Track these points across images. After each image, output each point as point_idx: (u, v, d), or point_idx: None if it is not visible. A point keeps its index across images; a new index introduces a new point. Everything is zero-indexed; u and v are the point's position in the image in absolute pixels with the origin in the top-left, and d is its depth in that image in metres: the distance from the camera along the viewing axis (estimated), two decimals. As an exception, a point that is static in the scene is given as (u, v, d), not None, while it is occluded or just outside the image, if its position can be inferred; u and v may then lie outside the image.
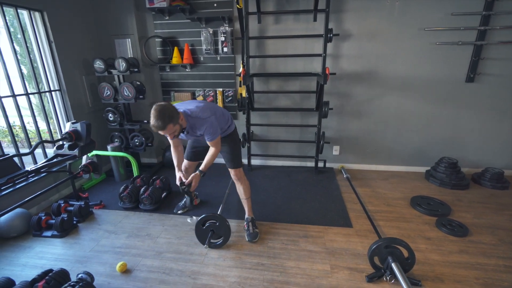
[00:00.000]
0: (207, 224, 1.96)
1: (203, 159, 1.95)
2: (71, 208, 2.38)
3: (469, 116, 3.01)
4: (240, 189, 2.14)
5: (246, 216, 2.20)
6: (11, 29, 2.36)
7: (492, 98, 2.91)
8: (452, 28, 2.74)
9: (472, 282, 1.66)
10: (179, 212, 2.46)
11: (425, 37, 2.81)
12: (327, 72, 2.60)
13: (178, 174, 1.97)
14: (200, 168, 1.91)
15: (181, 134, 1.89)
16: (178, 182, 1.95)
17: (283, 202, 2.62)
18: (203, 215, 1.96)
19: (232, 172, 2.09)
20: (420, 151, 3.23)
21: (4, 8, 2.28)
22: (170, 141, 2.00)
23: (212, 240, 1.98)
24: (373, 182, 3.04)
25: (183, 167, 2.20)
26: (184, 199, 2.40)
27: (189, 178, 1.89)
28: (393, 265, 1.58)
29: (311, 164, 3.45)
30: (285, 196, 2.74)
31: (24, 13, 2.49)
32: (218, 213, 2.10)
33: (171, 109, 1.63)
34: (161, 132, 1.63)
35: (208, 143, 1.88)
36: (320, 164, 3.36)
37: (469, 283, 1.65)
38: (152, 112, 1.58)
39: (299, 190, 2.87)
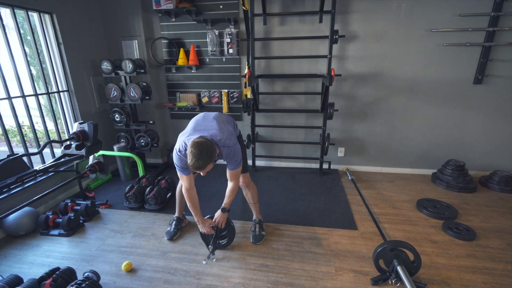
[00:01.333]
0: (211, 226, 1.95)
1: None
2: (78, 207, 2.42)
3: (477, 118, 2.97)
4: (248, 194, 2.11)
5: (254, 217, 2.19)
6: (21, 31, 2.41)
7: (501, 100, 2.86)
8: (460, 29, 2.71)
9: (479, 286, 1.63)
10: (173, 238, 2.13)
11: (433, 39, 2.79)
12: (332, 73, 2.59)
13: (205, 224, 1.84)
14: (224, 205, 1.85)
15: None
16: (207, 231, 1.84)
17: (287, 204, 2.62)
18: (208, 216, 1.96)
19: (241, 177, 1.99)
20: (427, 153, 3.20)
21: (15, 10, 2.33)
22: (185, 182, 1.79)
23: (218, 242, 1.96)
24: (378, 184, 3.02)
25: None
26: (174, 222, 2.18)
27: (216, 221, 1.85)
28: (398, 268, 1.57)
29: (315, 165, 3.44)
30: (289, 198, 2.73)
31: (34, 15, 2.54)
32: None
33: (211, 147, 1.52)
34: (197, 171, 1.55)
35: (228, 172, 1.78)
36: (325, 166, 3.35)
37: (477, 287, 1.63)
38: (193, 151, 1.47)
39: (304, 191, 2.87)
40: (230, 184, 1.84)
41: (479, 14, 2.64)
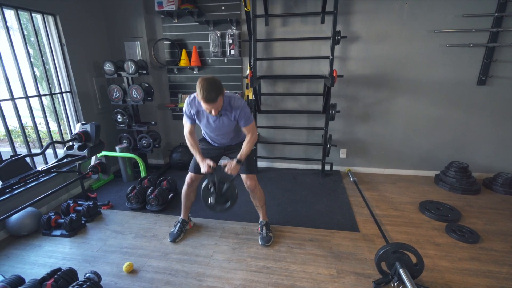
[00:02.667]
0: (211, 166, 1.83)
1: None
2: (80, 208, 2.42)
3: (480, 119, 2.95)
4: (255, 198, 2.09)
5: (261, 219, 2.18)
6: (25, 32, 2.43)
7: (505, 101, 2.84)
8: (463, 30, 2.69)
9: (483, 290, 1.62)
10: (176, 240, 2.11)
11: (436, 39, 2.77)
12: (334, 74, 2.59)
13: (205, 162, 1.81)
14: (238, 157, 1.81)
15: (212, 117, 1.76)
16: (206, 170, 1.79)
17: (289, 205, 2.61)
18: (212, 179, 1.84)
19: (247, 179, 1.96)
20: (430, 154, 3.17)
21: (19, 12, 2.35)
22: (187, 128, 1.87)
23: (218, 204, 1.85)
24: (380, 186, 3.00)
25: (187, 179, 2.07)
26: (178, 224, 2.18)
27: (227, 166, 1.80)
28: (401, 271, 1.56)
29: (317, 167, 3.43)
30: (291, 199, 2.73)
31: (38, 17, 2.56)
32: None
33: (219, 81, 1.57)
34: (209, 107, 1.56)
35: (243, 129, 1.81)
36: (327, 167, 3.33)
37: (480, 291, 1.61)
38: (202, 84, 1.51)
39: (305, 193, 2.86)
40: (248, 137, 1.85)
41: (483, 14, 2.62)
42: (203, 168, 1.82)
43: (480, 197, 2.73)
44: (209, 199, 1.84)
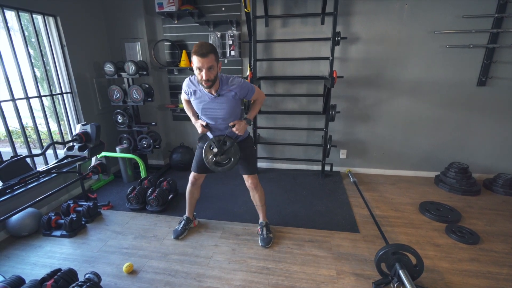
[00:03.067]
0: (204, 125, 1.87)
1: (212, 171, 1.92)
2: (80, 208, 2.43)
3: (480, 120, 2.95)
4: (255, 197, 2.09)
5: (261, 220, 2.18)
6: (26, 33, 2.44)
7: (505, 102, 2.84)
8: (463, 31, 2.69)
9: (483, 291, 1.61)
10: (180, 237, 2.15)
11: (436, 40, 2.77)
12: (334, 75, 2.59)
13: (198, 122, 1.86)
14: (247, 116, 1.87)
15: (210, 97, 1.74)
16: (201, 130, 1.84)
17: (289, 206, 2.61)
18: (218, 135, 1.88)
19: (249, 179, 1.99)
20: (430, 155, 3.17)
21: (20, 13, 2.35)
22: (183, 99, 1.96)
23: (219, 160, 1.85)
24: (380, 187, 3.00)
25: (191, 177, 2.09)
26: (183, 221, 2.19)
27: (235, 124, 1.81)
28: (400, 272, 1.55)
29: (317, 167, 3.43)
30: (291, 200, 2.73)
31: (38, 18, 2.57)
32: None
33: (214, 45, 1.63)
34: (200, 62, 1.54)
35: (252, 99, 1.87)
36: (327, 168, 3.34)
37: (480, 292, 1.61)
38: (197, 43, 1.57)
39: (305, 193, 2.86)
40: (256, 100, 1.90)
41: (483, 15, 2.62)
42: (199, 129, 1.88)
43: (480, 198, 2.73)
44: (210, 156, 1.86)
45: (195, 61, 1.56)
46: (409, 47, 2.84)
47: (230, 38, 3.07)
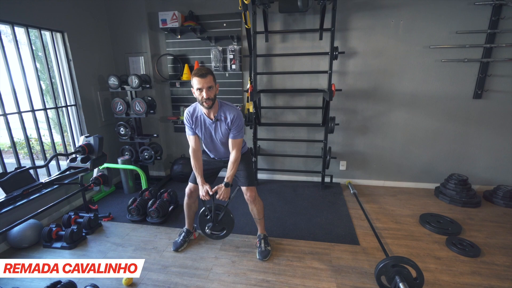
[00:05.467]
0: (209, 194, 1.91)
1: (209, 182, 1.95)
2: (81, 220, 2.44)
3: (478, 132, 2.98)
4: (254, 210, 2.08)
5: (259, 232, 2.18)
6: (33, 47, 2.52)
7: (502, 114, 2.88)
8: (458, 46, 2.77)
9: (485, 305, 1.60)
10: (179, 250, 2.15)
11: (431, 55, 2.85)
12: (333, 88, 2.65)
13: (204, 188, 1.87)
14: (226, 180, 1.88)
15: (208, 121, 1.85)
16: (203, 195, 1.85)
17: (288, 217, 2.61)
18: (208, 206, 1.94)
19: (247, 191, 1.99)
20: (429, 167, 3.19)
21: (29, 29, 2.45)
22: (192, 142, 1.94)
23: (214, 232, 1.95)
24: (381, 198, 3.00)
25: (187, 190, 2.09)
26: (183, 233, 2.22)
27: (218, 193, 1.86)
28: (400, 285, 1.55)
29: (317, 179, 3.44)
30: (291, 211, 2.73)
31: (46, 34, 2.66)
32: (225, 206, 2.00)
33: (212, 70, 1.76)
34: (199, 82, 1.66)
35: (231, 141, 1.87)
36: (327, 179, 3.35)
37: (482, 306, 1.59)
38: (195, 68, 1.68)
39: (305, 205, 2.86)
40: (232, 154, 1.90)
41: (476, 31, 2.70)
42: (201, 192, 1.88)
43: (481, 209, 2.72)
44: (206, 227, 1.95)
45: (195, 82, 1.68)
46: (406, 61, 2.92)
47: (231, 53, 3.16)
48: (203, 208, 1.96)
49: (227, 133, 1.89)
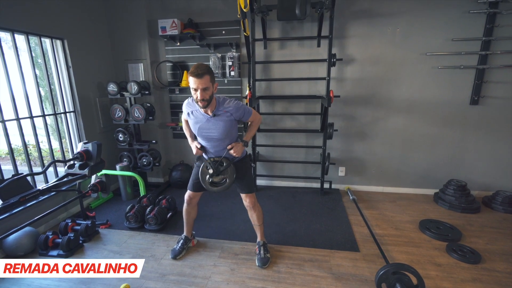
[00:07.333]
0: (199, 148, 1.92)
1: (207, 190, 1.93)
2: (78, 227, 2.41)
3: (476, 138, 3.00)
4: (253, 216, 2.07)
5: (258, 240, 2.16)
6: (33, 54, 2.53)
7: (499, 120, 2.90)
8: (454, 53, 2.81)
9: (486, 313, 1.58)
10: (178, 257, 2.13)
11: (428, 62, 2.88)
12: (331, 95, 2.67)
13: (194, 143, 1.91)
14: (244, 138, 1.92)
15: (206, 117, 1.79)
16: (195, 152, 1.89)
17: (288, 224, 2.60)
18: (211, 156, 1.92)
19: (247, 198, 1.99)
20: (428, 172, 3.19)
21: (29, 36, 2.46)
22: (183, 119, 2.02)
23: (215, 180, 1.87)
24: (380, 205, 2.99)
25: (186, 197, 2.09)
26: (181, 241, 2.19)
27: (232, 146, 1.83)
28: (401, 292, 1.53)
29: (316, 185, 3.43)
30: (290, 218, 2.71)
31: (46, 41, 2.68)
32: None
33: (210, 67, 1.69)
34: (195, 85, 1.60)
35: (249, 120, 1.91)
36: (326, 185, 3.34)
37: (484, 314, 1.57)
38: (193, 65, 1.63)
39: (304, 211, 2.84)
40: (254, 119, 1.94)
41: (471, 38, 2.74)
42: (194, 150, 1.92)
43: (480, 215, 2.72)
44: (207, 177, 1.89)
45: (191, 81, 1.63)
46: (403, 68, 2.95)
47: (230, 60, 3.19)
48: (203, 163, 1.92)
49: (227, 126, 1.79)
